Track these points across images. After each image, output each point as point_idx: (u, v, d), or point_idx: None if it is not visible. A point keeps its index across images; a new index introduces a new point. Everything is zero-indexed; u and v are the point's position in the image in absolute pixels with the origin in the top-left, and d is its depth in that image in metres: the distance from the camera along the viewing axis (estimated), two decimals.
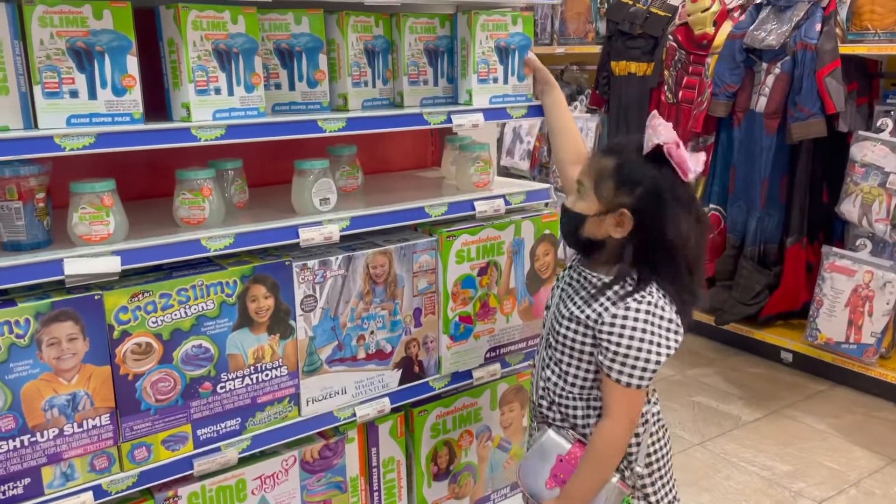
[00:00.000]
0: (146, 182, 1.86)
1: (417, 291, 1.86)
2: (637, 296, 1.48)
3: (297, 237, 1.64)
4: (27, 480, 1.43)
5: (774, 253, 3.81)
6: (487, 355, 2.02)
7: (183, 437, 1.59)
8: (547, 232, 2.03)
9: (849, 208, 3.46)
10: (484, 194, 1.92)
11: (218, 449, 1.63)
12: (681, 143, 1.47)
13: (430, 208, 1.82)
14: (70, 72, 1.38)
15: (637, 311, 1.47)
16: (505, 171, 5.31)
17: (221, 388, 1.61)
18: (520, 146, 5.10)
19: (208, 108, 1.52)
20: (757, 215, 3.78)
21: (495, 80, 1.89)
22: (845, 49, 3.36)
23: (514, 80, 1.91)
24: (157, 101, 1.59)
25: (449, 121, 1.80)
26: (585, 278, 1.58)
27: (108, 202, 1.45)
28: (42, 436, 1.42)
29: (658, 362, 1.47)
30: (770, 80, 3.62)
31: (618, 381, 1.48)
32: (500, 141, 5.22)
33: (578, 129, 4.90)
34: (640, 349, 1.46)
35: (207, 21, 1.49)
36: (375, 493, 1.95)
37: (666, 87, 4.15)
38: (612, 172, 1.49)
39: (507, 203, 1.94)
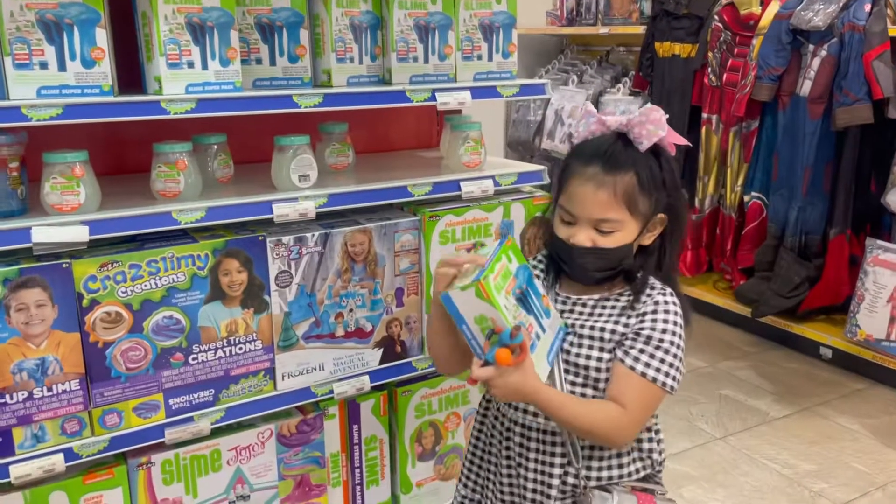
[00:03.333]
0: (139, 157, 1.89)
1: (399, 271, 1.85)
2: (668, 292, 1.41)
3: (272, 213, 1.64)
4: None
5: (817, 244, 3.65)
6: None
7: (155, 406, 1.62)
8: (538, 214, 1.98)
9: (895, 199, 3.28)
10: (472, 175, 1.89)
11: (191, 419, 1.66)
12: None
13: (413, 188, 1.80)
14: (40, 44, 1.41)
15: (674, 304, 1.40)
16: (546, 155, 5.24)
17: (193, 359, 1.64)
18: (560, 129, 5.01)
19: (181, 81, 1.54)
20: (798, 204, 3.63)
21: (479, 58, 1.86)
22: None
23: (498, 56, 1.88)
24: (138, 76, 1.61)
25: (433, 98, 1.78)
26: (593, 306, 1.46)
27: (78, 173, 1.48)
28: (11, 398, 1.47)
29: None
30: (816, 63, 3.45)
31: (644, 374, 1.34)
32: (541, 124, 5.14)
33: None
34: (679, 347, 1.37)
35: None
36: (357, 470, 1.96)
37: (710, 70, 4.01)
38: (637, 186, 1.37)
39: (496, 184, 1.91)
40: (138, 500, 1.66)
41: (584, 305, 1.46)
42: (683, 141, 1.43)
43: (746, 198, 3.95)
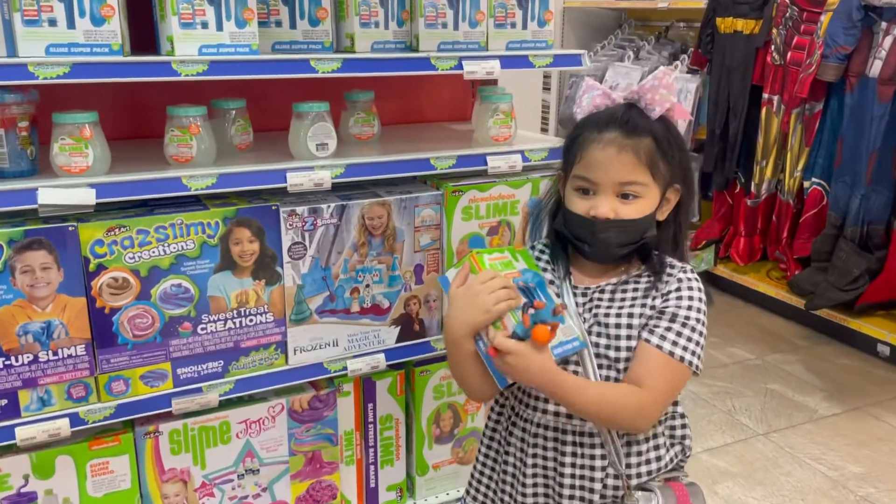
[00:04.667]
0: (157, 122, 1.85)
1: (419, 247, 1.78)
2: (689, 268, 1.37)
3: (286, 181, 1.58)
4: (4, 402, 1.47)
5: (880, 235, 3.44)
6: None
7: (162, 375, 1.60)
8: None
9: None
10: (500, 149, 1.80)
11: (199, 390, 1.63)
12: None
13: (436, 160, 1.72)
14: None
15: (696, 281, 1.36)
16: None
17: (202, 329, 1.60)
18: None
19: (193, 42, 1.48)
20: (861, 192, 3.42)
21: (513, 25, 1.76)
22: None
23: (533, 25, 1.78)
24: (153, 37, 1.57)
25: (460, 66, 1.69)
26: (612, 291, 1.38)
27: (87, 134, 1.44)
28: (17, 360, 1.46)
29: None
30: (888, 41, 3.23)
31: (671, 353, 1.29)
32: None
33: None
34: (704, 325, 1.32)
35: None
36: (371, 449, 1.91)
37: (773, 48, 3.80)
38: (655, 150, 1.30)
39: (525, 160, 1.81)
40: (145, 468, 1.65)
41: (602, 292, 1.39)
42: (688, 115, 1.39)
43: (806, 184, 3.76)
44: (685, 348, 1.30)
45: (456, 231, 1.79)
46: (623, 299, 1.37)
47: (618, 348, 1.33)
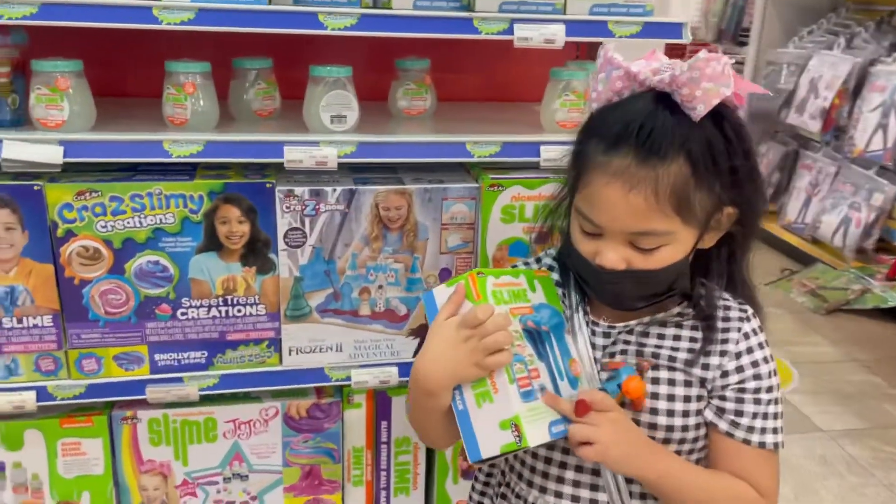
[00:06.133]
0: None
1: (446, 248, 1.48)
2: (750, 312, 1.07)
3: (282, 156, 1.36)
4: None
5: None
6: None
7: (138, 358, 1.44)
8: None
9: None
10: (560, 137, 1.45)
11: (179, 380, 1.46)
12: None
13: (473, 146, 1.41)
14: None
15: (760, 329, 1.06)
16: (793, 132, 4.41)
17: (182, 314, 1.42)
18: (813, 101, 4.15)
19: None
20: None
21: None
22: None
23: None
24: None
25: (510, 31, 1.36)
26: (642, 333, 1.06)
27: (63, 85, 1.30)
28: None
29: None
30: None
31: (762, 444, 1.02)
32: (791, 94, 4.32)
33: (894, 86, 3.84)
34: (779, 387, 1.06)
35: None
36: (384, 473, 1.65)
37: None
38: (689, 177, 0.92)
39: None
40: (121, 455, 1.51)
41: (630, 332, 1.06)
42: (758, 88, 1.00)
43: None
44: (775, 431, 1.03)
45: (493, 233, 1.47)
46: (660, 346, 1.04)
47: (651, 410, 1.02)
